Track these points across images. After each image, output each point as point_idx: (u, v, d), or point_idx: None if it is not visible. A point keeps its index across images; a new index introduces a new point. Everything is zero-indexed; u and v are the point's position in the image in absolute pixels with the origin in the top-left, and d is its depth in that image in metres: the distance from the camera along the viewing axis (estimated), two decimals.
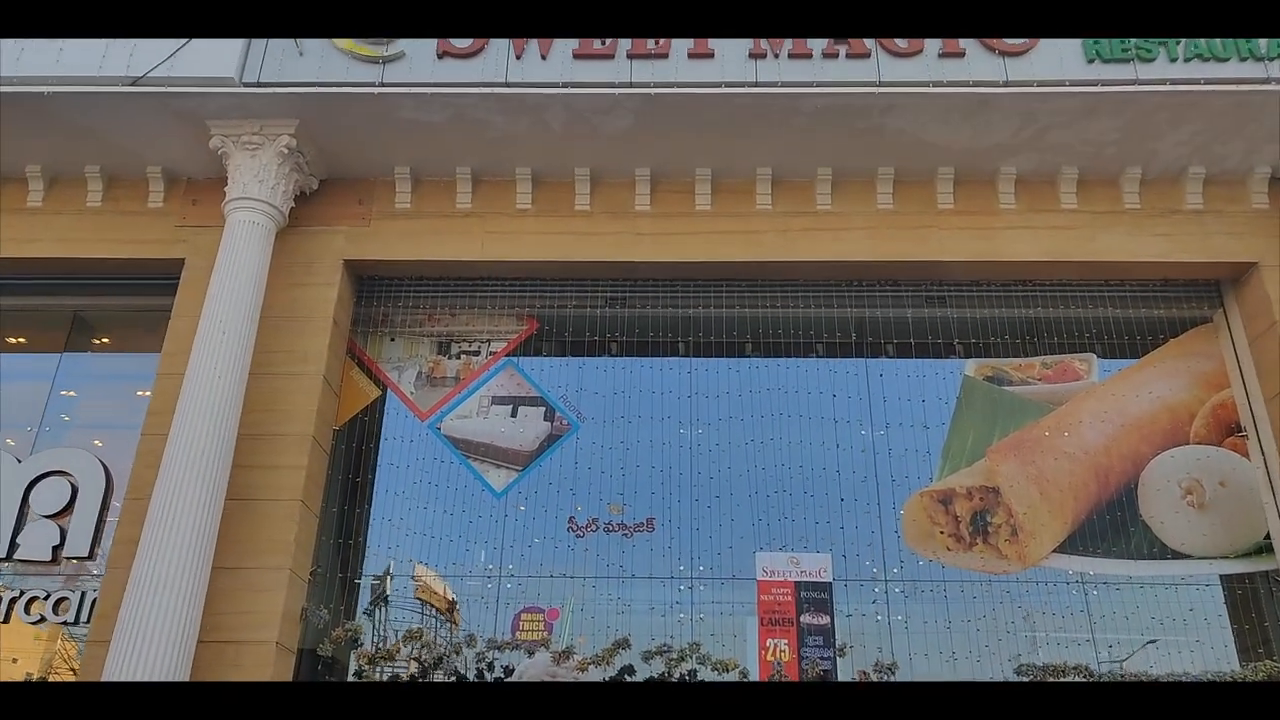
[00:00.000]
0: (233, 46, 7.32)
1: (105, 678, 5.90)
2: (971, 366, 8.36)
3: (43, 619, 7.32)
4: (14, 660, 7.34)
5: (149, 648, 5.93)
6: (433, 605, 7.62)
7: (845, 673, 7.09)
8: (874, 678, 6.92)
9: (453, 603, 7.59)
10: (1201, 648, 7.29)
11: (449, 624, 7.41)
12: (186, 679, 6.05)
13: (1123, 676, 6.84)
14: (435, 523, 7.85)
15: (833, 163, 8.04)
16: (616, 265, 8.14)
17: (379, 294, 8.44)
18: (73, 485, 7.84)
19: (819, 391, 8.26)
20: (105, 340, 9.11)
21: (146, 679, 5.84)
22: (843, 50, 7.38)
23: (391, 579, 7.63)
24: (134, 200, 8.22)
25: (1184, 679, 6.84)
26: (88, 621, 7.11)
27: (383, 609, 7.58)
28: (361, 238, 8.11)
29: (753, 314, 8.43)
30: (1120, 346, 8.27)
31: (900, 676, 6.95)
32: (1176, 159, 7.91)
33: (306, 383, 7.50)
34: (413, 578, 7.62)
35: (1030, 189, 8.13)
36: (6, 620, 7.33)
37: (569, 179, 8.17)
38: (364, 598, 7.73)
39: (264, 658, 6.55)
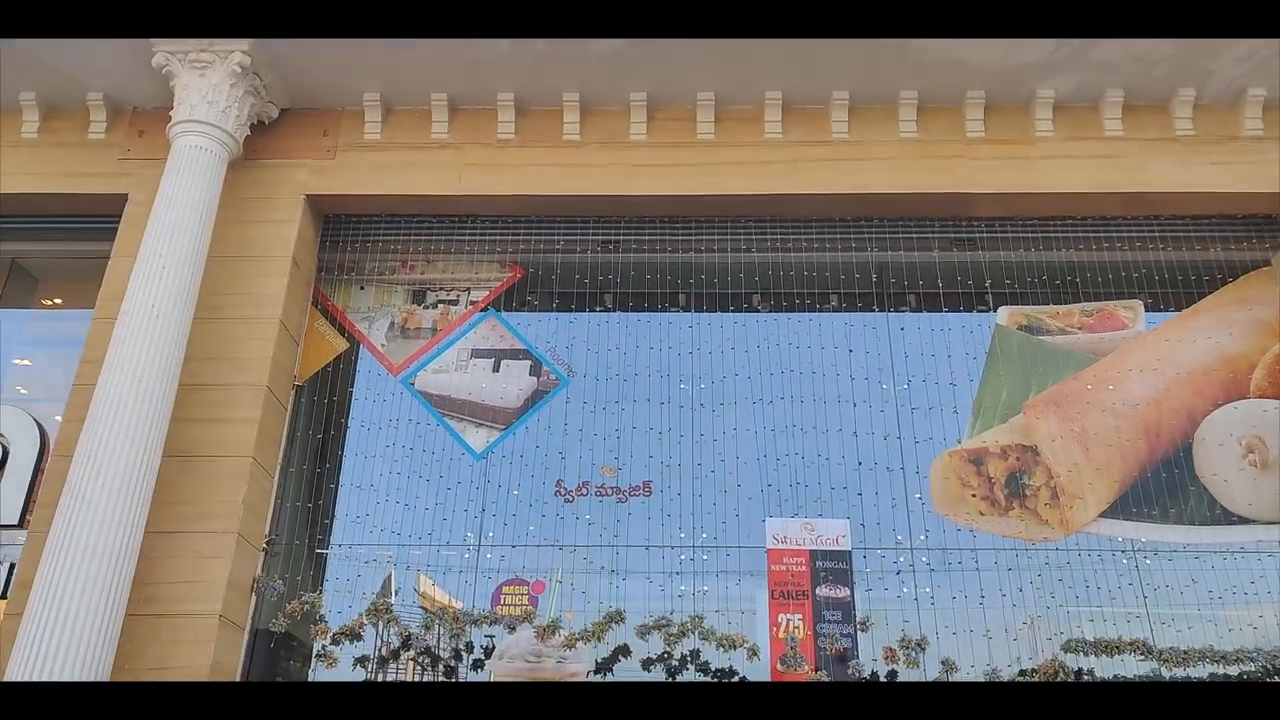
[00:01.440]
0: None
1: (16, 653, 5.11)
2: (1004, 315, 7.54)
3: None
4: None
5: (68, 620, 5.13)
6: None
7: (867, 650, 6.29)
8: (900, 656, 6.13)
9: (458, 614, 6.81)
10: (1264, 623, 6.49)
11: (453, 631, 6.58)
12: (112, 654, 5.26)
13: (1186, 653, 6.03)
14: (409, 487, 7.08)
15: (850, 86, 7.21)
16: (609, 200, 7.32)
17: (347, 237, 7.63)
18: (3, 447, 7.06)
19: (834, 346, 7.46)
20: (58, 301, 8.34)
21: (64, 655, 5.06)
22: None
23: (397, 592, 6.84)
24: (74, 132, 7.40)
25: (1254, 656, 6.04)
26: None
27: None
28: (326, 171, 7.30)
29: (761, 259, 7.61)
30: (1170, 294, 7.44)
31: (930, 654, 6.16)
32: (1234, 79, 7.08)
33: (261, 328, 6.70)
34: (416, 589, 6.84)
35: (1070, 115, 7.30)
36: None
37: (556, 105, 7.35)
38: (332, 571, 6.94)
39: (205, 633, 5.75)
